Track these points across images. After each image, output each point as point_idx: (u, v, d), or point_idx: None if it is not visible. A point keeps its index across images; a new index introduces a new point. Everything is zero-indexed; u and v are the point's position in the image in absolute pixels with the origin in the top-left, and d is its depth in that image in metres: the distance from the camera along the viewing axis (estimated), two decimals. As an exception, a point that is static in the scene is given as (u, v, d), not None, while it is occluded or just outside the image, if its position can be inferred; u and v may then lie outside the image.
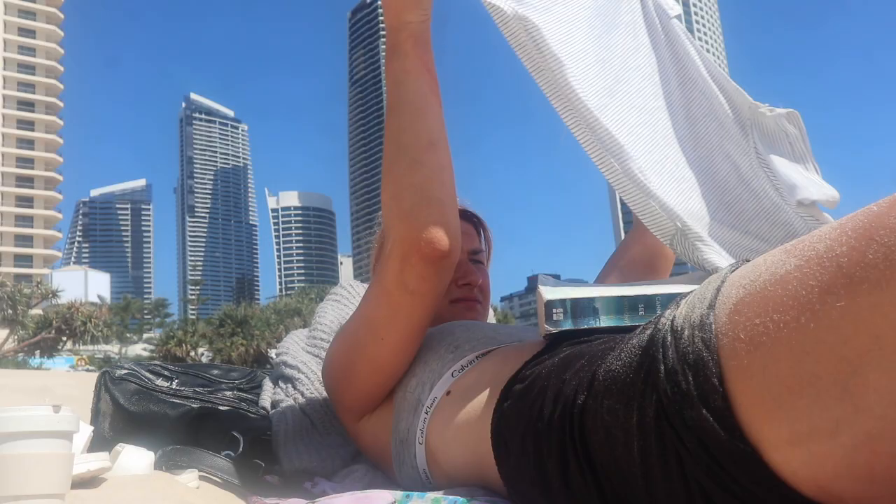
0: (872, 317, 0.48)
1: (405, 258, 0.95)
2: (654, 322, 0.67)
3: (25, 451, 0.67)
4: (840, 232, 0.53)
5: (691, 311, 0.62)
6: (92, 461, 0.83)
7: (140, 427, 1.25)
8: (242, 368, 1.52)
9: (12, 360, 30.37)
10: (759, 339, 0.54)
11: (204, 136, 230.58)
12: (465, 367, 1.00)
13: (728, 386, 0.55)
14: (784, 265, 0.55)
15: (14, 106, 71.75)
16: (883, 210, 0.51)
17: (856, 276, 0.49)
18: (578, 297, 0.92)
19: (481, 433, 0.86)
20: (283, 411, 1.30)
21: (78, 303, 35.76)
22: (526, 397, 0.80)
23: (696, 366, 0.57)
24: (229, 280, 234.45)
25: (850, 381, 0.49)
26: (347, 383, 1.08)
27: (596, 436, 0.67)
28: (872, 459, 0.50)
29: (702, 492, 0.58)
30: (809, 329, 0.51)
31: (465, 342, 1.05)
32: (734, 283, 0.60)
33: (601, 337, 0.86)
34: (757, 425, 0.54)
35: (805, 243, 0.56)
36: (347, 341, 1.08)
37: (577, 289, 0.95)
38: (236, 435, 1.24)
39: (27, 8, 72.72)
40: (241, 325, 33.93)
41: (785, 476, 0.53)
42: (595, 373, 0.70)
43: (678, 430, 0.58)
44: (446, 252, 0.95)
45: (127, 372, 1.32)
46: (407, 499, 0.85)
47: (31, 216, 71.28)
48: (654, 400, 0.60)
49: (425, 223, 0.94)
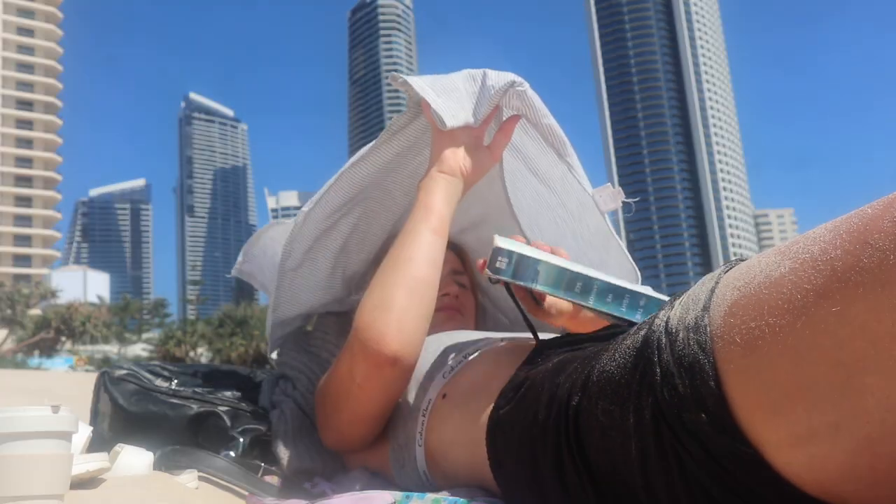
0: (868, 321, 0.47)
1: (353, 352, 0.97)
2: (649, 323, 0.67)
3: (24, 451, 0.67)
4: (834, 235, 0.53)
5: (685, 313, 0.62)
6: (91, 462, 0.83)
7: (139, 427, 1.24)
8: (242, 368, 1.51)
9: (11, 360, 30.33)
10: (755, 342, 0.54)
11: (203, 136, 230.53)
12: (455, 368, 1.02)
13: (725, 389, 0.55)
14: (779, 267, 0.55)
15: (13, 105, 71.72)
16: (877, 213, 0.51)
17: (851, 280, 0.49)
18: (526, 254, 0.93)
19: (477, 438, 0.87)
20: (283, 411, 1.29)
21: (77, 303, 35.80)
22: (520, 403, 0.80)
23: (692, 369, 0.57)
24: (229, 280, 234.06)
25: (846, 386, 0.49)
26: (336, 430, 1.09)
27: (591, 437, 0.67)
28: (874, 462, 0.50)
29: (704, 492, 0.58)
30: (805, 333, 0.51)
31: (450, 345, 1.09)
32: (728, 284, 0.60)
33: (593, 344, 0.86)
34: (756, 429, 0.54)
35: (799, 245, 0.55)
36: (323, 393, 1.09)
37: (528, 248, 0.96)
38: (236, 435, 1.24)
39: (26, 7, 72.68)
40: (241, 326, 33.91)
41: (788, 477, 0.54)
42: (589, 374, 0.70)
43: (677, 433, 0.58)
44: (390, 359, 0.95)
45: (126, 372, 1.32)
46: (407, 499, 0.85)
47: (30, 216, 71.25)
48: (651, 402, 0.60)
49: (380, 327, 0.94)
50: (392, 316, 0.95)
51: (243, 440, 1.24)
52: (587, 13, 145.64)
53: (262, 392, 1.40)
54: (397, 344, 0.95)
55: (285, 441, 1.24)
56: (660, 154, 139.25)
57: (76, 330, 33.61)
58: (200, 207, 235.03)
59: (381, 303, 0.96)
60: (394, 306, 0.95)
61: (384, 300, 0.96)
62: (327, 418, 1.09)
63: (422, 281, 0.98)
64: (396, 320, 0.95)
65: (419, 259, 0.99)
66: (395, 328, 0.95)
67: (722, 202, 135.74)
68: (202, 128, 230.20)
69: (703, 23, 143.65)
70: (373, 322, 0.95)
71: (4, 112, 70.88)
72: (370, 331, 0.95)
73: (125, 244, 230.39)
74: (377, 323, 0.95)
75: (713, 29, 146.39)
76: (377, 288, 0.98)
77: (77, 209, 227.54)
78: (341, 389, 1.02)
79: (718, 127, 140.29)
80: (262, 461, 1.18)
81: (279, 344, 1.45)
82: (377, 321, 0.95)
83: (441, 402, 0.99)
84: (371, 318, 0.96)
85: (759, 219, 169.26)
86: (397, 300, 0.96)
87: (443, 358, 1.06)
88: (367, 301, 0.98)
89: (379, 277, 0.99)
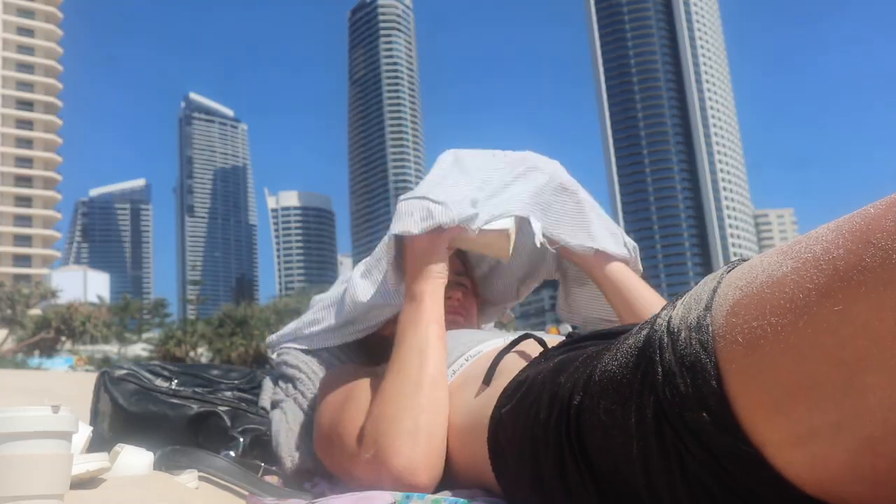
0: (870, 321, 0.47)
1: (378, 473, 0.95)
2: (651, 322, 0.67)
3: (24, 451, 0.67)
4: (837, 234, 0.52)
5: (688, 312, 0.62)
6: (91, 461, 0.83)
7: (139, 427, 1.24)
8: (242, 368, 1.51)
9: (11, 360, 30.33)
10: (757, 342, 0.54)
11: (203, 136, 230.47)
12: (457, 371, 1.04)
13: (727, 389, 0.55)
14: (781, 267, 0.55)
15: (13, 105, 71.69)
16: (880, 212, 0.51)
17: (853, 279, 0.49)
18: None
19: (479, 439, 0.87)
20: (283, 411, 1.29)
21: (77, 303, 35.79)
22: (521, 402, 0.80)
23: (694, 368, 0.57)
24: (229, 280, 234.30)
25: (848, 384, 0.49)
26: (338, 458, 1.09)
27: (593, 436, 0.67)
28: (876, 462, 0.50)
29: (706, 492, 0.58)
30: (807, 333, 0.51)
31: (451, 348, 1.09)
32: (730, 284, 0.60)
33: (593, 343, 0.87)
34: (758, 428, 0.54)
35: (802, 245, 0.55)
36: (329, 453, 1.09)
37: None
38: (236, 435, 1.25)
39: (26, 7, 72.66)
40: (241, 326, 33.89)
41: (789, 477, 0.54)
42: (591, 373, 0.70)
43: (679, 432, 0.58)
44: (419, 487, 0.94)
45: (126, 372, 1.32)
46: (407, 499, 0.85)
47: (30, 216, 71.22)
48: (653, 401, 0.60)
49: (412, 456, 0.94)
50: (422, 445, 0.94)
51: (243, 440, 1.25)
52: (587, 13, 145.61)
53: (262, 392, 1.40)
54: (426, 476, 0.94)
55: (285, 441, 1.24)
56: (660, 154, 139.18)
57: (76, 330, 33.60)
58: (200, 207, 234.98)
59: (412, 430, 0.95)
60: (421, 433, 0.95)
61: (416, 428, 0.95)
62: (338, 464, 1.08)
63: (444, 405, 0.99)
64: (426, 447, 0.94)
65: (440, 380, 1.00)
66: (424, 457, 0.94)
67: (722, 202, 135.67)
68: (202, 128, 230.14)
69: (703, 23, 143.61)
70: (402, 450, 0.94)
71: (4, 112, 70.85)
72: (401, 460, 0.94)
73: (125, 244, 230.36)
74: (409, 452, 0.94)
75: (713, 29, 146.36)
76: (405, 413, 0.97)
77: (77, 209, 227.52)
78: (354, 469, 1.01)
79: (718, 127, 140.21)
80: (262, 461, 1.18)
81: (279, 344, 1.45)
82: (408, 451, 0.94)
83: None
84: (400, 445, 0.94)
85: (759, 219, 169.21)
86: (425, 425, 0.95)
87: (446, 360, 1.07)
88: (394, 426, 0.96)
89: (402, 399, 0.98)
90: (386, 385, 1.01)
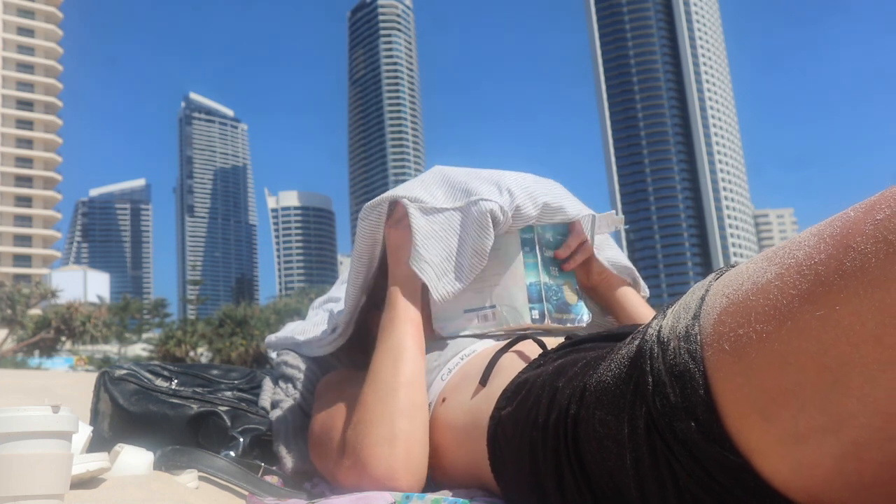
0: (851, 325, 0.48)
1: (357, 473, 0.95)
2: (642, 332, 0.67)
3: (24, 451, 0.67)
4: (818, 239, 0.53)
5: (677, 322, 0.62)
6: (91, 461, 0.83)
7: (139, 427, 1.24)
8: (242, 368, 1.51)
9: (11, 360, 30.36)
10: (743, 349, 0.54)
11: (203, 136, 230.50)
12: (453, 370, 1.04)
13: (715, 397, 0.55)
14: (765, 273, 0.55)
15: (13, 105, 71.71)
16: (859, 216, 0.51)
17: (834, 284, 0.49)
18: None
19: (477, 439, 0.88)
20: (283, 411, 1.30)
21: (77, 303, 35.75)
22: (521, 405, 0.81)
23: (683, 378, 0.58)
24: (229, 280, 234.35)
25: (832, 390, 0.49)
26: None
27: (589, 445, 0.68)
28: (861, 467, 0.50)
29: (696, 502, 0.59)
30: (791, 338, 0.51)
31: (446, 346, 1.10)
32: (718, 292, 0.60)
33: (593, 345, 0.88)
34: (745, 436, 0.54)
35: (785, 251, 0.56)
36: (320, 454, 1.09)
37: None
38: (236, 435, 1.25)
39: (26, 7, 72.67)
40: (241, 326, 33.85)
41: (776, 485, 0.54)
42: (586, 383, 0.71)
43: (669, 443, 0.59)
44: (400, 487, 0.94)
45: (126, 372, 1.32)
46: (407, 499, 0.85)
47: (30, 216, 71.24)
48: (644, 412, 0.61)
49: (390, 462, 0.93)
50: (400, 450, 0.94)
51: (243, 440, 1.25)
52: (587, 13, 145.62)
53: (262, 392, 1.40)
54: (406, 481, 0.94)
55: (285, 441, 1.24)
56: (660, 154, 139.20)
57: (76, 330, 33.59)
58: (200, 207, 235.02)
59: (389, 436, 0.95)
60: (399, 438, 0.94)
61: (392, 434, 0.95)
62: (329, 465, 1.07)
63: (421, 407, 0.98)
64: (405, 452, 0.94)
65: (416, 382, 1.00)
66: (403, 462, 0.94)
67: (722, 202, 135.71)
68: (202, 128, 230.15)
69: (703, 23, 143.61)
70: (380, 456, 0.94)
71: (4, 112, 70.86)
72: (379, 467, 0.93)
73: (125, 244, 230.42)
74: (387, 458, 0.94)
75: (713, 29, 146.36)
76: (381, 418, 0.96)
77: (77, 209, 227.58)
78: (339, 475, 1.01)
79: (718, 127, 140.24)
80: (262, 461, 1.18)
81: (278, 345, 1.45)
82: (386, 457, 0.94)
83: (441, 405, 1.00)
84: (378, 452, 0.94)
85: (759, 219, 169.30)
86: (401, 430, 0.95)
87: (438, 362, 1.07)
88: (371, 431, 0.96)
89: (377, 405, 0.98)
90: (364, 391, 1.01)
